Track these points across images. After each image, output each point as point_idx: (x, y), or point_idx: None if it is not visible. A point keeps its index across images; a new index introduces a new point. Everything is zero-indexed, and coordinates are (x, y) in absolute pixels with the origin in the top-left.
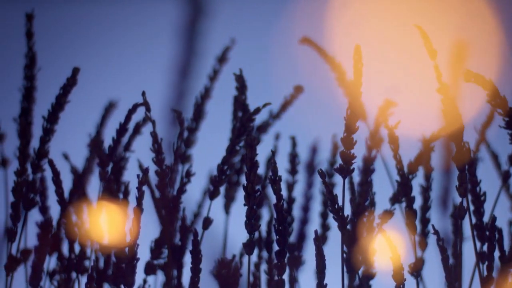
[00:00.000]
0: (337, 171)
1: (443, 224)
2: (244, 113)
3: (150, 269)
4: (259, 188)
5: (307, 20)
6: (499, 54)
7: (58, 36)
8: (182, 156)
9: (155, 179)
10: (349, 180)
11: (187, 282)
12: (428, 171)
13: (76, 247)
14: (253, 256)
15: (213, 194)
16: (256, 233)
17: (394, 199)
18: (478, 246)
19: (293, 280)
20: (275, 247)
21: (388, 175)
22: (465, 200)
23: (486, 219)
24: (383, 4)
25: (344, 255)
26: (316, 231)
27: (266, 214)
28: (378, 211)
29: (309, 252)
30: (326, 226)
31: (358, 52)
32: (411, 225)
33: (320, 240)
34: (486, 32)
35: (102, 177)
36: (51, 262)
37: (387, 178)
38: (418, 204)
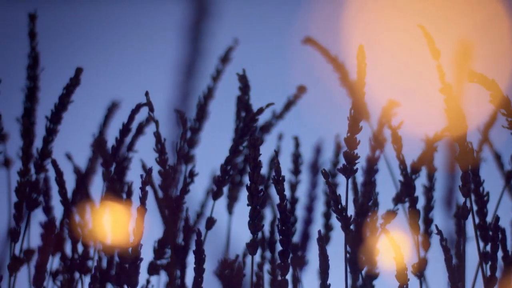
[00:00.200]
0: (340, 171)
1: (448, 224)
2: (247, 113)
3: (153, 269)
4: (262, 188)
5: (310, 20)
6: (504, 54)
7: (61, 36)
8: (185, 156)
9: (159, 179)
10: (352, 180)
11: (190, 282)
12: (431, 171)
13: (79, 247)
14: (256, 256)
15: (216, 194)
16: (259, 233)
17: (397, 199)
18: (481, 246)
19: (296, 280)
20: (278, 247)
21: (391, 175)
22: (468, 200)
23: (489, 219)
24: (388, 4)
25: (348, 255)
26: (319, 231)
27: (269, 214)
28: (381, 211)
29: (312, 252)
30: (329, 226)
31: (361, 52)
32: (414, 225)
33: (324, 240)
34: (491, 32)
35: (106, 177)
36: (54, 262)
37: (390, 178)
38: (421, 204)
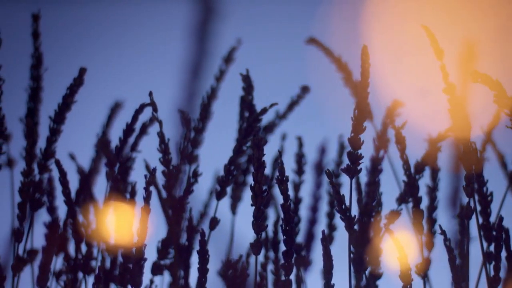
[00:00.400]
0: (344, 171)
1: (451, 225)
2: (250, 113)
3: (157, 269)
4: (266, 189)
5: (313, 21)
6: (509, 55)
7: (65, 36)
8: (189, 156)
9: (162, 180)
10: (355, 181)
11: (194, 282)
12: (435, 171)
13: (83, 247)
14: (259, 256)
15: (220, 194)
16: (262, 233)
17: (401, 199)
18: (485, 246)
19: (300, 280)
20: (282, 248)
21: (395, 175)
22: (472, 200)
23: (493, 219)
24: (393, 4)
25: (351, 255)
26: (323, 231)
27: (272, 215)
28: (385, 211)
29: (316, 252)
30: (333, 226)
31: (365, 52)
32: (418, 225)
33: (328, 240)
34: (496, 32)
35: (110, 177)
36: (57, 263)
37: (394, 178)
38: (424, 204)
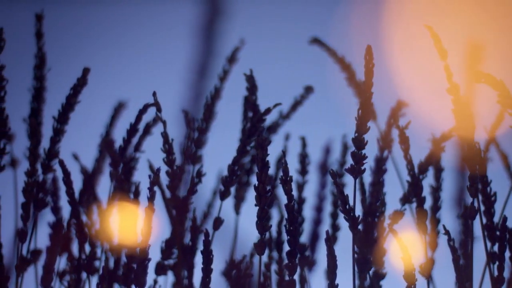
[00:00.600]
0: (348, 171)
1: (455, 225)
2: (254, 113)
3: (160, 269)
4: (270, 189)
5: (317, 21)
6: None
7: (68, 36)
8: (192, 156)
9: (166, 180)
10: (359, 181)
11: (197, 282)
12: (438, 171)
13: (87, 248)
14: (263, 256)
15: (224, 194)
16: (266, 233)
17: (405, 199)
18: (489, 246)
19: (303, 280)
20: (286, 248)
21: (398, 175)
22: (475, 200)
23: (496, 219)
24: (398, 3)
25: (355, 255)
26: (327, 232)
27: (275, 215)
28: (389, 211)
29: (320, 252)
30: (337, 227)
31: (369, 52)
32: (421, 225)
33: (332, 240)
34: (499, 32)
35: (114, 177)
36: (61, 263)
37: (397, 178)
38: (428, 205)
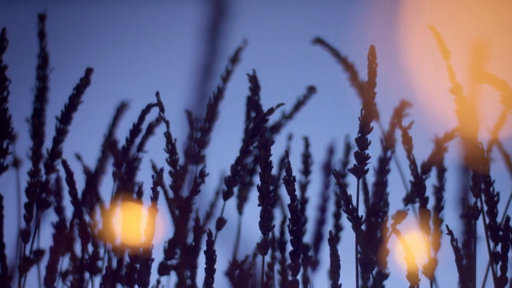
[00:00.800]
0: (351, 171)
1: (459, 225)
2: (257, 113)
3: (163, 269)
4: (273, 189)
5: (319, 21)
6: None
7: (71, 36)
8: (195, 156)
9: (169, 180)
10: (362, 181)
11: (200, 282)
12: (442, 171)
13: (90, 248)
14: (266, 256)
15: (227, 194)
16: (269, 233)
17: (408, 200)
18: (492, 246)
19: (306, 280)
20: (289, 248)
21: (401, 175)
22: (478, 200)
23: (499, 219)
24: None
25: (358, 255)
26: (330, 232)
27: (279, 215)
28: (392, 211)
29: (323, 252)
30: (340, 227)
31: (372, 52)
32: (424, 225)
33: (335, 240)
34: (503, 32)
35: (117, 177)
36: (64, 263)
37: (400, 178)
38: (431, 205)
